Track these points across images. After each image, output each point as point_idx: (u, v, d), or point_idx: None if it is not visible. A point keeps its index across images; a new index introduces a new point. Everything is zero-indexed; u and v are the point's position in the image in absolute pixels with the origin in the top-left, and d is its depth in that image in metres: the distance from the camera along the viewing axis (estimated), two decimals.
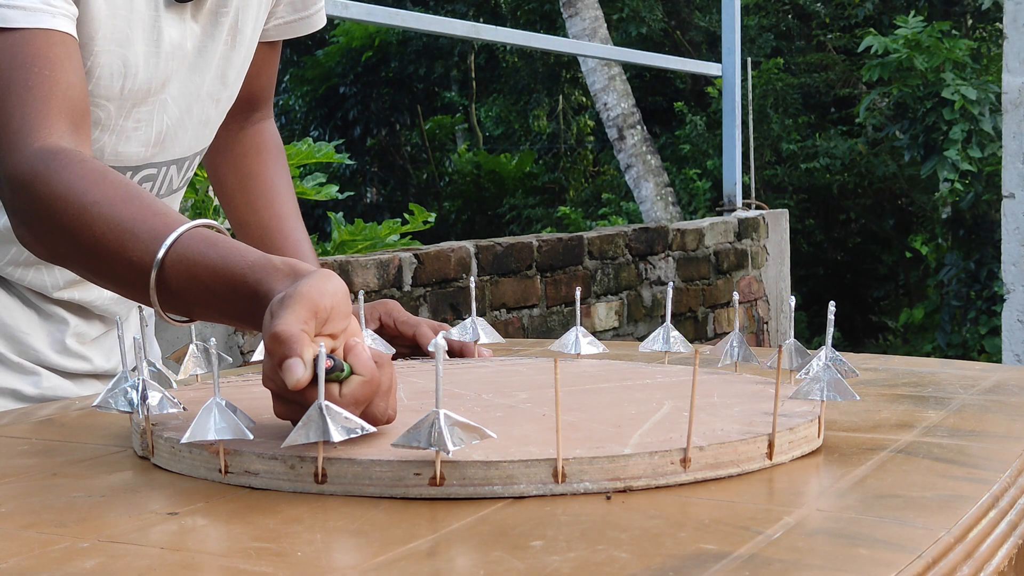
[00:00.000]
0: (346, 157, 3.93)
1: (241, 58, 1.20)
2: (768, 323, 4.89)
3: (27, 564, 0.60)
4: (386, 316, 1.24)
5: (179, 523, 0.68)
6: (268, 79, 1.36)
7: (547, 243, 3.59)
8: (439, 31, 3.70)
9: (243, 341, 2.59)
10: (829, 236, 9.85)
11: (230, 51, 1.17)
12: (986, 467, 0.78)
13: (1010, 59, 4.16)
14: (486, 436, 0.71)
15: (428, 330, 1.22)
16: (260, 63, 1.30)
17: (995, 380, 1.12)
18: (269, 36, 1.30)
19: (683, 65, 5.64)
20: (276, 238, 1.33)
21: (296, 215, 1.36)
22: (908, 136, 8.10)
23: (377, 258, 2.96)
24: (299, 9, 1.29)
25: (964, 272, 8.06)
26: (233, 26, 1.16)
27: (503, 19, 11.65)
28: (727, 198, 4.95)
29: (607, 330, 3.90)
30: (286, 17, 1.28)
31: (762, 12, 10.51)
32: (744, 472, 0.76)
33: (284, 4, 1.28)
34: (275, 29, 1.29)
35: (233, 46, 1.17)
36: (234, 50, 1.18)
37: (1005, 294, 4.22)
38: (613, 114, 8.21)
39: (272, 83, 1.38)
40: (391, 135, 12.97)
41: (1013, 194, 4.15)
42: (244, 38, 1.18)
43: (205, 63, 1.15)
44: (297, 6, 1.29)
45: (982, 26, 10.03)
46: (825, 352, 0.89)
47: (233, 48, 1.17)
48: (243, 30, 1.17)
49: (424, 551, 0.61)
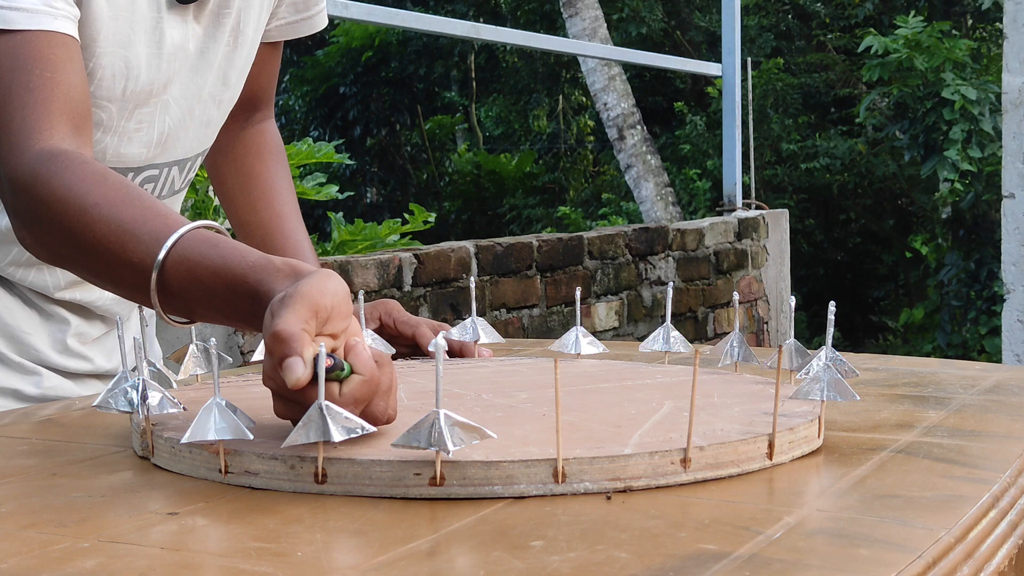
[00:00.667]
0: (346, 157, 3.94)
1: (243, 59, 1.20)
2: (768, 323, 4.89)
3: (27, 564, 0.60)
4: (386, 316, 1.24)
5: (179, 523, 0.68)
6: (269, 79, 1.36)
7: (547, 243, 3.59)
8: (439, 31, 3.70)
9: (243, 341, 2.59)
10: (829, 236, 9.85)
11: (232, 52, 1.17)
12: (986, 467, 0.78)
13: (1010, 59, 4.16)
14: (486, 436, 0.71)
15: (428, 330, 1.22)
16: (262, 63, 1.30)
17: (995, 380, 1.12)
18: (271, 36, 1.30)
19: (683, 65, 5.64)
20: (277, 238, 1.33)
21: (297, 215, 1.36)
22: (908, 136, 8.10)
23: (377, 258, 2.96)
24: (301, 10, 1.29)
25: (964, 272, 8.06)
26: (235, 27, 1.16)
27: (503, 19, 11.65)
28: (727, 198, 4.95)
29: (607, 330, 3.90)
30: (288, 18, 1.29)
31: (762, 12, 10.51)
32: (744, 472, 0.76)
33: (286, 4, 1.28)
34: (277, 30, 1.29)
35: (235, 47, 1.17)
36: (236, 51, 1.18)
37: (1005, 294, 4.22)
38: (613, 114, 8.21)
39: (273, 84, 1.38)
40: (391, 135, 12.97)
41: (1013, 194, 4.15)
42: (246, 39, 1.18)
43: (207, 64, 1.15)
44: (299, 6, 1.29)
45: (982, 26, 10.03)
46: (825, 352, 0.89)
47: (235, 49, 1.18)
48: (245, 31, 1.17)
49: (424, 551, 0.61)
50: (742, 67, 4.99)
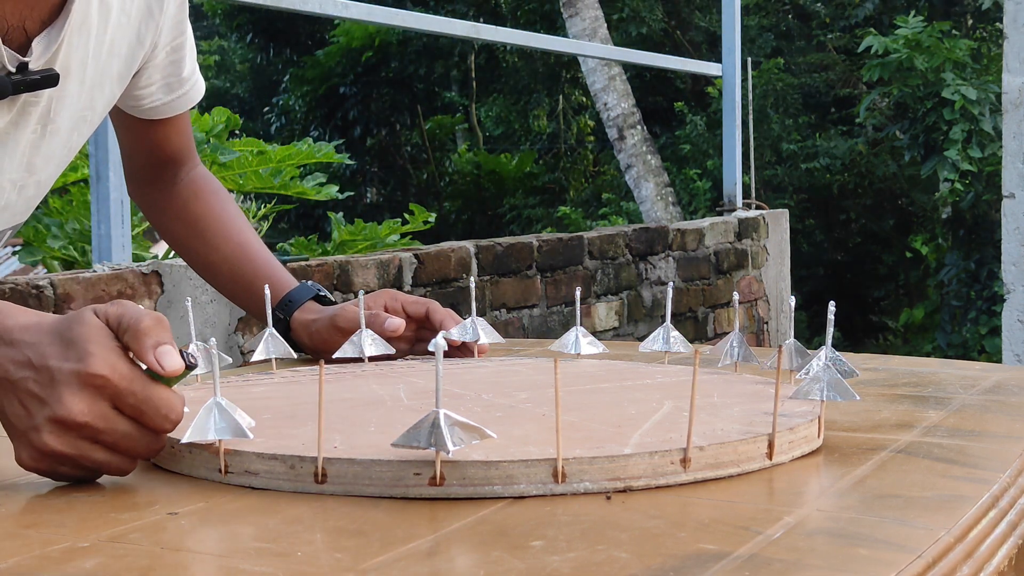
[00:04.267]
0: (346, 157, 3.94)
1: (55, 147, 1.17)
2: (768, 323, 4.89)
3: (27, 564, 0.60)
4: (391, 301, 1.25)
5: (179, 523, 0.68)
6: (181, 142, 1.37)
7: (547, 243, 3.59)
8: (439, 31, 3.70)
9: (243, 341, 2.59)
10: (829, 236, 9.85)
11: (40, 139, 1.14)
12: (986, 467, 0.78)
13: (1010, 59, 4.16)
14: (486, 436, 0.71)
15: (439, 307, 1.24)
16: (164, 135, 1.33)
17: (995, 380, 1.12)
18: (150, 115, 1.31)
19: (683, 65, 5.64)
20: (244, 264, 1.36)
21: (255, 238, 1.38)
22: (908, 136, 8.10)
23: (377, 258, 2.96)
24: (174, 88, 1.29)
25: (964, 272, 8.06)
26: (44, 116, 1.12)
27: (503, 19, 11.65)
28: (727, 198, 4.95)
29: (607, 330, 3.90)
30: (162, 98, 1.29)
31: (762, 12, 10.51)
32: (744, 472, 0.76)
33: (157, 86, 1.27)
34: (153, 110, 1.30)
35: (43, 135, 1.14)
36: (44, 139, 1.14)
37: (1005, 294, 4.22)
38: (613, 114, 8.21)
39: (188, 143, 1.39)
40: (391, 135, 12.97)
41: (1013, 194, 4.15)
42: (58, 128, 1.15)
43: (7, 151, 1.13)
44: (172, 87, 1.29)
45: (982, 26, 10.03)
46: (825, 352, 0.89)
47: (43, 137, 1.14)
48: (56, 120, 1.14)
49: (424, 551, 0.61)
50: (742, 67, 4.99)
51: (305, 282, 1.34)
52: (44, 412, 0.73)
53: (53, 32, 1.06)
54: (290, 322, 1.30)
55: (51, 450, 0.74)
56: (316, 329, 1.27)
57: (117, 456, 0.76)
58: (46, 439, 0.74)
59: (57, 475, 0.76)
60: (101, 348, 0.74)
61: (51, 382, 0.74)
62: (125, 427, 0.75)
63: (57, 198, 3.17)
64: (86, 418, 0.73)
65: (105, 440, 0.75)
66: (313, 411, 0.87)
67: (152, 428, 0.75)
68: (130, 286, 2.33)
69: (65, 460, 0.75)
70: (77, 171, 3.09)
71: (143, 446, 0.76)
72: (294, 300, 1.31)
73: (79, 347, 0.74)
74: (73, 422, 0.73)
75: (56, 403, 0.73)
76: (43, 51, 1.06)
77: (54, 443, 0.74)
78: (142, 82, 1.26)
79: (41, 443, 0.74)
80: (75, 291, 2.22)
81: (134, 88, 1.25)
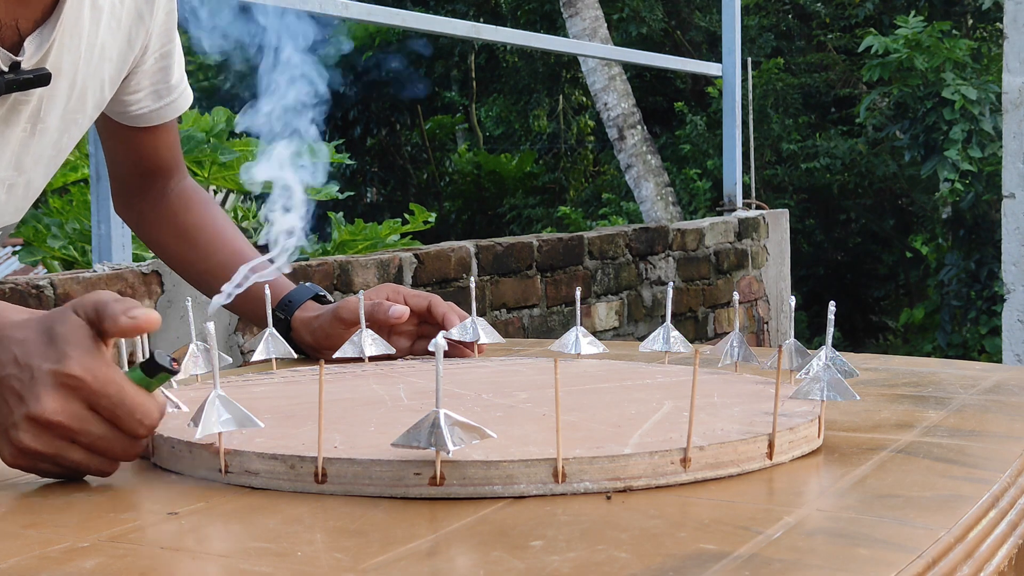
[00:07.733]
0: (346, 157, 3.94)
1: (45, 147, 1.17)
2: (768, 323, 4.89)
3: (27, 564, 0.60)
4: (393, 294, 1.26)
5: (179, 523, 0.68)
6: (168, 152, 1.38)
7: (547, 243, 3.59)
8: (439, 31, 3.70)
9: (243, 341, 2.59)
10: (829, 236, 9.85)
11: (29, 139, 1.14)
12: (986, 467, 0.78)
13: (1010, 59, 4.16)
14: (486, 436, 0.71)
15: (440, 300, 1.25)
16: (152, 144, 1.34)
17: (995, 380, 1.12)
18: (138, 123, 1.31)
19: (683, 65, 5.64)
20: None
21: (248, 244, 1.38)
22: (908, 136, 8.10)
23: (377, 258, 2.96)
24: (162, 96, 1.30)
25: (964, 272, 8.06)
26: (34, 115, 1.13)
27: (503, 19, 11.65)
28: (727, 198, 4.95)
29: (607, 330, 3.90)
30: (151, 105, 1.30)
31: (762, 12, 10.51)
32: (744, 472, 0.76)
33: (145, 92, 1.28)
34: (140, 117, 1.30)
35: (33, 134, 1.14)
36: (33, 138, 1.15)
37: (1005, 294, 4.21)
38: (613, 114, 8.21)
39: (176, 154, 1.39)
40: (391, 135, 12.96)
41: (1013, 194, 4.15)
42: (47, 128, 1.15)
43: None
44: (161, 93, 1.29)
45: (982, 26, 10.03)
46: (825, 352, 0.89)
47: (32, 136, 1.14)
48: (45, 119, 1.14)
49: (424, 551, 0.61)
50: (742, 67, 4.99)
51: (303, 283, 1.34)
52: (22, 409, 0.74)
53: (45, 32, 1.07)
54: (291, 321, 1.30)
55: (28, 448, 0.74)
56: (319, 324, 1.27)
57: (96, 457, 0.76)
58: (22, 437, 0.74)
59: (40, 473, 0.77)
60: (78, 349, 0.74)
61: (31, 380, 0.74)
62: (100, 429, 0.75)
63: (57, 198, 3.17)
64: (59, 417, 0.73)
65: (81, 441, 0.75)
66: (313, 411, 0.87)
67: (126, 432, 0.76)
68: (130, 286, 2.33)
69: (43, 458, 0.75)
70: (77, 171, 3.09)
71: (120, 448, 0.76)
72: (294, 300, 1.31)
73: (58, 347, 0.74)
74: (47, 421, 0.73)
75: (33, 401, 0.74)
76: (35, 50, 1.06)
77: (30, 441, 0.74)
78: (131, 87, 1.26)
79: (18, 440, 0.74)
80: (75, 291, 2.22)
81: (123, 93, 1.26)
